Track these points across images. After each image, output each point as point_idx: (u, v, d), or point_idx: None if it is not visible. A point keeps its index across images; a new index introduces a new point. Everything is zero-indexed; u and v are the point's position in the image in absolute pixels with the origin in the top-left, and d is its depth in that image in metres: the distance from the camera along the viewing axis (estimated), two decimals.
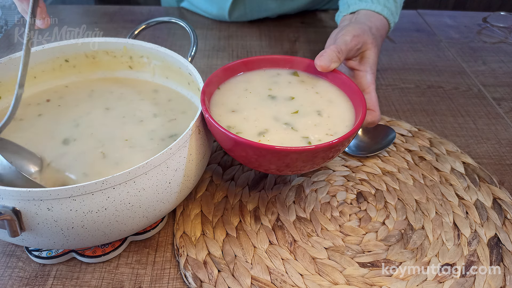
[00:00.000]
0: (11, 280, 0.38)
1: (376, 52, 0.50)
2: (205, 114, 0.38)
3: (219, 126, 0.36)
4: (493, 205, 0.47)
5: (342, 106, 0.42)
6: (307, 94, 0.44)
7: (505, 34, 0.85)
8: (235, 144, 0.37)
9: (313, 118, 0.41)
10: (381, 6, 0.56)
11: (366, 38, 0.48)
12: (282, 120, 0.40)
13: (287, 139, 0.39)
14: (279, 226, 0.44)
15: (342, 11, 0.60)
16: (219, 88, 0.44)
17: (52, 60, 0.48)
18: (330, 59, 0.43)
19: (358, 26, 0.50)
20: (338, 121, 0.41)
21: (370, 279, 0.39)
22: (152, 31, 0.80)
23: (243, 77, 0.46)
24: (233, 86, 0.44)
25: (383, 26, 0.56)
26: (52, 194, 0.30)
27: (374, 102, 0.47)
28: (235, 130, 0.39)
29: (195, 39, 0.50)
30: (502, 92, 0.68)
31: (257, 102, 0.43)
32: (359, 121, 0.39)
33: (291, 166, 0.38)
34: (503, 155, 0.55)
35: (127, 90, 0.50)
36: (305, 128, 0.40)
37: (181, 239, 0.42)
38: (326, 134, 0.39)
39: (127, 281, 0.39)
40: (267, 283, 0.38)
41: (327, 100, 0.43)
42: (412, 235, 0.43)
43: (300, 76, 0.46)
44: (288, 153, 0.35)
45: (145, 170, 0.33)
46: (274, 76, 0.46)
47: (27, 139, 0.42)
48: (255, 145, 0.35)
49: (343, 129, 0.40)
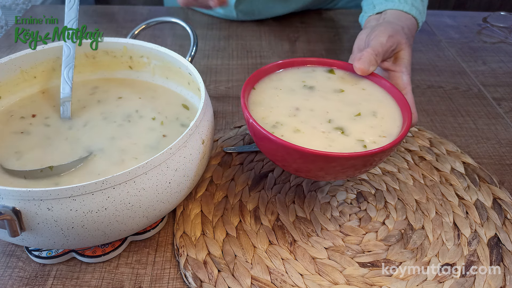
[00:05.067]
0: (11, 280, 0.38)
1: (410, 52, 0.49)
2: (248, 119, 0.38)
3: (270, 134, 0.36)
4: (493, 205, 0.47)
5: (391, 105, 0.41)
6: (355, 89, 0.43)
7: (505, 34, 0.85)
8: (290, 152, 0.36)
9: (370, 119, 0.40)
10: (409, 6, 0.55)
11: (400, 38, 0.48)
12: (337, 122, 0.40)
13: (339, 143, 0.38)
14: (279, 226, 0.44)
15: (367, 12, 0.59)
16: (255, 88, 0.44)
17: (52, 60, 0.48)
18: (369, 62, 0.43)
19: (391, 26, 0.49)
20: (390, 122, 0.40)
21: (370, 279, 0.39)
22: (152, 31, 0.80)
23: (282, 74, 0.46)
24: (267, 86, 0.44)
25: (413, 25, 0.55)
26: (52, 194, 0.30)
27: (411, 104, 0.45)
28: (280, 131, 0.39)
29: (195, 39, 0.50)
30: (502, 92, 0.68)
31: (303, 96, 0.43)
32: (408, 121, 0.38)
33: (339, 172, 0.37)
34: (503, 155, 0.55)
35: (127, 90, 0.50)
36: (363, 131, 0.39)
37: (181, 239, 0.42)
38: (380, 136, 0.38)
39: (127, 281, 0.39)
40: (267, 283, 0.38)
41: (377, 99, 0.42)
42: (412, 235, 0.43)
43: (337, 73, 0.46)
44: (348, 159, 0.34)
45: (145, 170, 0.33)
46: (309, 72, 0.46)
47: (28, 139, 0.42)
48: (317, 153, 0.34)
49: (396, 130, 0.39)
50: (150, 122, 0.45)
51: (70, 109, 0.44)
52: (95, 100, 0.48)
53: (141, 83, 0.51)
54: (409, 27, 0.54)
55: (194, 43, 0.50)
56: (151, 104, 0.48)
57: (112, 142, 0.42)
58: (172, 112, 0.46)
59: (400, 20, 0.53)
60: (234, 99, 0.64)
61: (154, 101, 0.48)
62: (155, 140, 0.42)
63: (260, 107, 0.42)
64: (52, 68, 0.48)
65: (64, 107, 0.44)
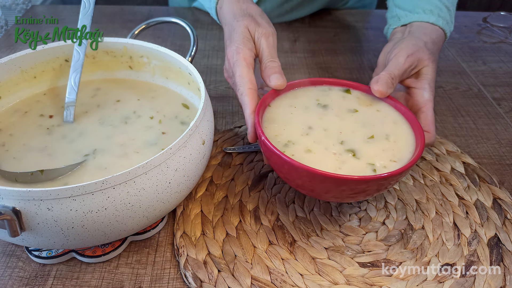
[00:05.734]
0: (11, 280, 0.38)
1: (434, 68, 0.47)
2: (260, 136, 0.38)
3: (284, 155, 0.36)
4: (493, 205, 0.47)
5: (405, 129, 0.41)
6: (370, 111, 0.44)
7: (505, 34, 0.85)
8: (301, 173, 0.36)
9: (383, 142, 0.40)
10: (435, 17, 0.52)
11: (421, 55, 0.46)
12: (349, 144, 0.40)
13: (350, 165, 0.38)
14: (279, 226, 0.44)
15: (392, 24, 0.56)
16: (270, 105, 0.44)
17: (52, 60, 0.48)
18: (387, 85, 0.43)
19: (412, 43, 0.47)
20: (403, 146, 0.39)
21: (370, 279, 0.39)
22: (152, 31, 0.80)
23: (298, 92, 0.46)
24: (281, 103, 0.45)
25: (439, 37, 0.52)
26: (52, 194, 0.30)
27: (429, 122, 0.44)
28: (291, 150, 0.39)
29: (195, 39, 0.50)
30: (502, 92, 0.68)
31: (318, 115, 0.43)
32: (420, 146, 0.38)
33: (347, 197, 0.38)
34: (503, 155, 0.55)
35: (126, 91, 0.50)
36: (374, 155, 0.39)
37: (181, 239, 0.42)
38: (390, 160, 0.38)
39: (127, 281, 0.39)
40: (267, 283, 0.38)
41: (391, 121, 0.42)
42: (412, 235, 0.43)
43: (353, 94, 0.46)
44: (359, 182, 0.35)
45: (145, 170, 0.33)
46: (325, 91, 0.47)
47: (27, 140, 0.42)
48: (331, 176, 0.34)
49: (407, 155, 0.39)
50: (150, 122, 0.45)
51: (73, 113, 0.44)
52: (94, 100, 0.48)
53: (141, 83, 0.51)
54: (434, 41, 0.51)
55: (194, 43, 0.50)
56: (151, 104, 0.48)
57: (111, 141, 0.42)
58: (171, 111, 0.46)
59: (425, 34, 0.51)
60: (234, 99, 0.64)
61: (154, 101, 0.48)
62: (154, 137, 0.42)
63: (273, 124, 0.42)
64: (52, 68, 0.48)
65: (68, 111, 0.44)
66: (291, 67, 0.73)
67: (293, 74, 0.71)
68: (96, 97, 0.49)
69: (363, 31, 0.87)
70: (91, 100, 0.48)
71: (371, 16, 0.94)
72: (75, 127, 0.44)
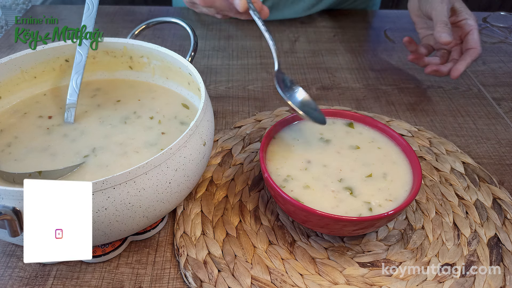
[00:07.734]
0: (11, 280, 0.38)
1: (460, 1, 0.61)
2: (264, 172, 0.40)
3: (289, 196, 0.37)
4: (493, 205, 0.47)
5: (403, 168, 0.42)
6: (371, 148, 0.45)
7: (505, 34, 0.85)
8: (304, 214, 0.37)
9: (380, 181, 0.41)
10: None
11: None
12: (346, 183, 0.41)
13: (347, 205, 0.39)
14: (279, 226, 0.44)
15: None
16: (275, 138, 0.46)
17: (52, 60, 0.48)
18: (449, 33, 0.53)
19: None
20: (399, 186, 0.41)
21: (370, 279, 0.39)
22: (152, 31, 0.80)
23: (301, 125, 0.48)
24: (286, 135, 0.46)
25: None
26: None
27: (477, 41, 0.58)
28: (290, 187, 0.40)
29: (195, 39, 0.50)
30: (502, 92, 0.68)
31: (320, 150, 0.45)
32: (417, 185, 0.39)
33: (349, 232, 0.39)
34: (503, 155, 0.55)
35: (126, 92, 0.50)
36: (371, 194, 0.40)
37: (181, 239, 0.42)
38: (386, 199, 0.39)
39: (127, 281, 0.39)
40: (267, 283, 0.38)
41: (391, 160, 0.43)
42: (412, 235, 0.43)
43: (356, 128, 0.47)
44: (357, 223, 0.36)
45: (145, 170, 0.33)
46: (330, 125, 0.48)
47: (28, 140, 0.42)
48: (330, 216, 0.36)
49: (403, 194, 0.40)
50: (150, 122, 0.45)
51: (74, 114, 0.44)
52: (94, 100, 0.48)
53: (141, 83, 0.51)
54: None
55: (194, 43, 0.50)
56: (151, 104, 0.48)
57: (111, 141, 0.42)
58: (171, 111, 0.46)
59: None
60: (234, 99, 0.64)
61: (154, 101, 0.48)
62: (154, 137, 0.42)
63: (275, 156, 0.44)
64: (53, 68, 0.48)
65: (69, 112, 0.44)
66: (291, 67, 0.73)
67: (293, 74, 0.71)
68: (96, 97, 0.49)
69: (363, 31, 0.87)
70: (91, 100, 0.48)
71: (371, 16, 0.94)
72: (76, 127, 0.44)
